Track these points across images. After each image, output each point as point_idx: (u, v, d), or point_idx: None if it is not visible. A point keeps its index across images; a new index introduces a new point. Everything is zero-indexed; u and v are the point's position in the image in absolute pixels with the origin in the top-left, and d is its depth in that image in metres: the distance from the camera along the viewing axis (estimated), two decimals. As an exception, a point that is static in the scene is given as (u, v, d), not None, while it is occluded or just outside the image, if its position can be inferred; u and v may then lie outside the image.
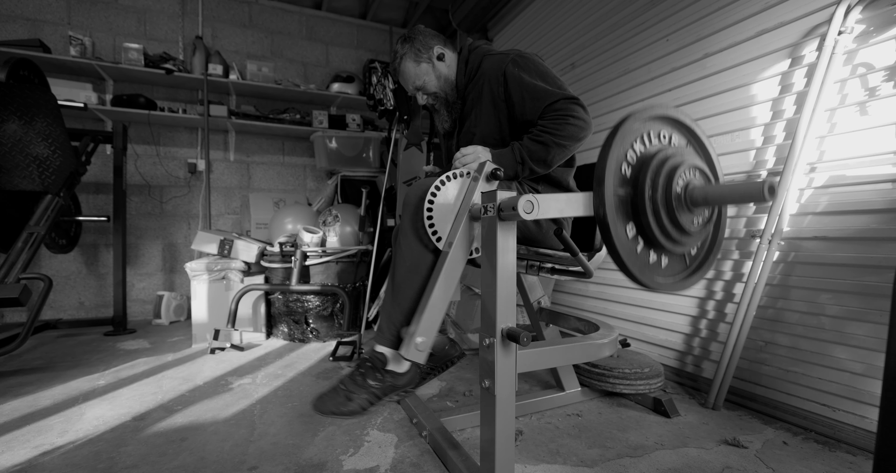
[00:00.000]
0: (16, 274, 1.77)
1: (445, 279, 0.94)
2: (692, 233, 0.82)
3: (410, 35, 1.30)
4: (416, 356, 0.92)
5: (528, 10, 2.88)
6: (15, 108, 1.87)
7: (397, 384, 1.03)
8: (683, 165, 0.80)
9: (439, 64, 1.30)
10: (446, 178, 1.01)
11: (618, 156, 0.78)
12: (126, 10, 2.92)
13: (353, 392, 0.99)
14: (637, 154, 0.82)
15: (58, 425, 1.31)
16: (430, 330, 0.93)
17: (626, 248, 0.79)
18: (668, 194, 0.79)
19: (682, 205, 0.80)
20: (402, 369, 1.04)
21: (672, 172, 0.79)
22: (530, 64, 1.19)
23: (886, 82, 1.21)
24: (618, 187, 0.78)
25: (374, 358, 1.04)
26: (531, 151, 1.12)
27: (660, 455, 1.16)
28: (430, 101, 1.35)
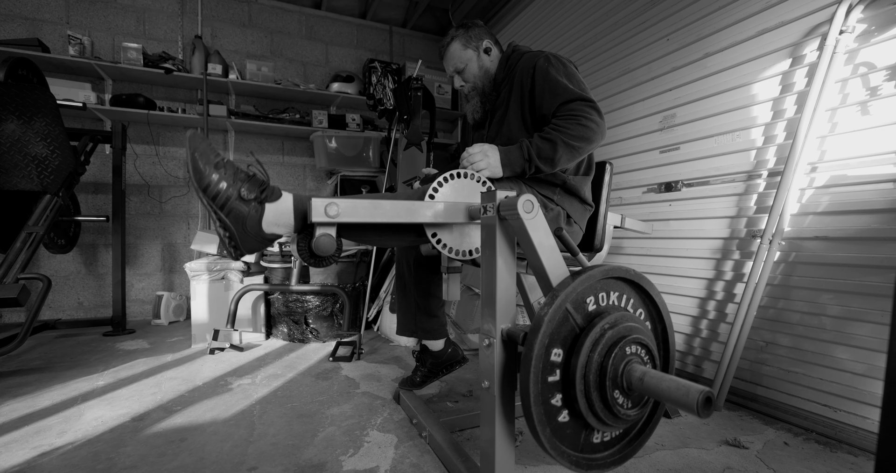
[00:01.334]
0: (14, 274, 1.76)
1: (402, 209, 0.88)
2: (621, 417, 0.75)
3: (468, 24, 1.37)
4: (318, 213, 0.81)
5: (528, 9, 2.88)
6: (13, 107, 1.87)
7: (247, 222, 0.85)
8: (627, 339, 0.74)
9: (484, 56, 1.35)
10: (443, 180, 1.01)
11: (561, 312, 0.73)
12: (125, 10, 2.92)
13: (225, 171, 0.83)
14: (583, 312, 0.76)
15: (56, 425, 1.31)
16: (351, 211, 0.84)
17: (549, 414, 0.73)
18: (603, 369, 0.73)
19: (615, 384, 0.73)
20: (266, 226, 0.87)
21: (614, 344, 0.73)
22: (560, 63, 1.22)
23: (888, 82, 1.20)
24: (554, 348, 0.73)
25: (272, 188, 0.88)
26: (539, 149, 1.11)
27: (660, 456, 1.15)
28: (465, 88, 1.39)
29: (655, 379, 0.69)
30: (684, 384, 0.65)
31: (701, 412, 0.62)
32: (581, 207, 1.29)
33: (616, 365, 0.73)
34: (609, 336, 0.74)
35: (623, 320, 0.77)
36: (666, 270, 1.80)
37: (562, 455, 0.74)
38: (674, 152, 1.79)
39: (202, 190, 0.82)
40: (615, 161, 1.72)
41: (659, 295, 0.86)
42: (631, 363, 0.74)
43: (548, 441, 0.72)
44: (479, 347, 0.88)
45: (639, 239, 1.95)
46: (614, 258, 2.07)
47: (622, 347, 0.74)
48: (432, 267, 1.40)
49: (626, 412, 0.75)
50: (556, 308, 0.72)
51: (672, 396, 0.66)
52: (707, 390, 0.62)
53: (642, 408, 0.78)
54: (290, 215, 0.88)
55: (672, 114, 1.80)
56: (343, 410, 1.43)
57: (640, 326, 0.78)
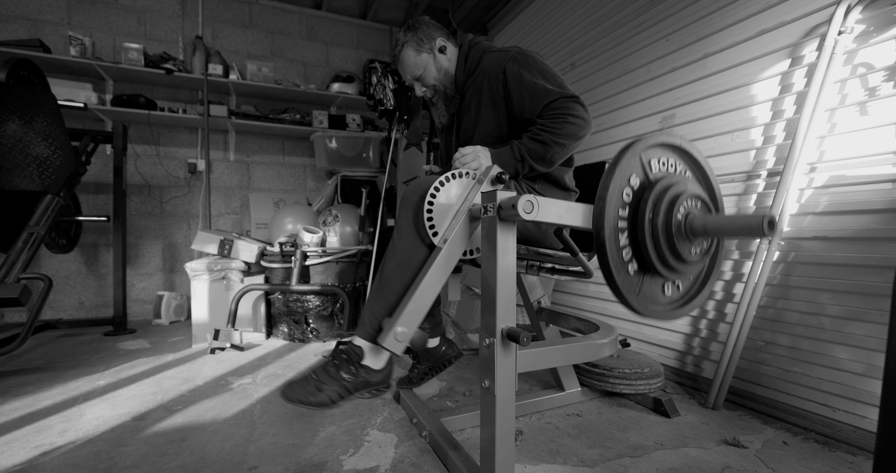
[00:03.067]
0: (16, 274, 1.77)
1: (436, 273, 0.93)
2: (690, 262, 0.82)
3: (414, 24, 1.29)
4: (394, 346, 0.90)
5: (528, 9, 2.88)
6: (15, 108, 1.87)
7: (370, 380, 1.00)
8: (685, 194, 0.80)
9: (440, 56, 1.29)
10: (445, 179, 1.01)
11: (621, 180, 0.78)
12: (126, 10, 2.92)
13: (325, 383, 0.96)
14: (640, 180, 0.82)
15: (58, 425, 1.31)
16: (412, 321, 0.91)
17: (621, 270, 0.78)
18: (669, 222, 0.79)
19: (681, 234, 0.79)
20: (377, 365, 1.02)
21: (674, 200, 0.80)
22: (531, 61, 1.18)
23: (886, 82, 1.21)
24: (619, 210, 0.78)
25: (351, 351, 1.01)
26: (530, 150, 1.12)
27: (660, 455, 1.16)
28: (427, 93, 1.34)
29: (718, 219, 0.77)
30: (744, 216, 0.73)
31: (767, 232, 0.68)
32: (564, 193, 1.30)
33: (679, 221, 0.80)
34: (670, 193, 0.80)
35: (672, 182, 0.82)
36: (665, 270, 1.80)
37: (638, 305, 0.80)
38: (673, 153, 1.79)
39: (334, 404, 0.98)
40: (615, 161, 1.72)
41: (700, 153, 0.92)
42: (692, 214, 0.80)
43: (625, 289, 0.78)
44: (479, 347, 0.88)
45: (638, 239, 1.95)
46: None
47: (680, 202, 0.80)
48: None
49: (692, 258, 0.82)
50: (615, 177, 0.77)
51: (737, 224, 0.74)
52: (767, 214, 0.69)
53: (705, 256, 0.86)
54: (380, 350, 1.02)
55: (672, 114, 1.80)
56: (343, 409, 1.44)
57: (688, 183, 0.85)
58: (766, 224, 0.67)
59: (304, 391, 0.95)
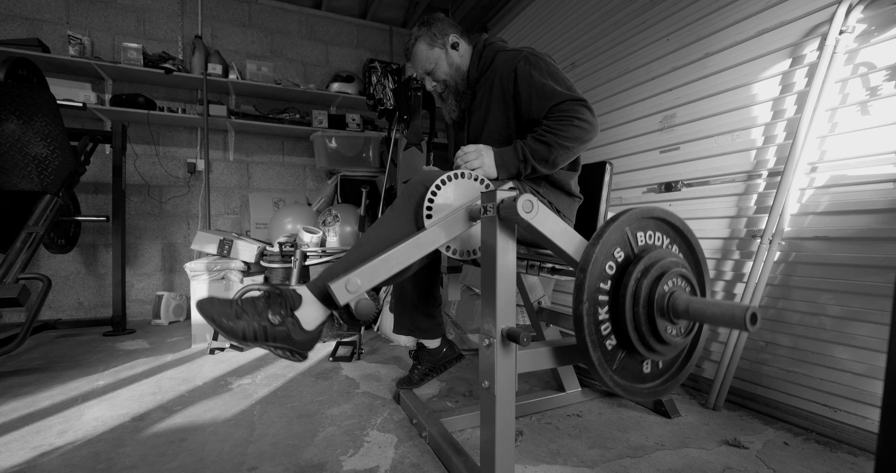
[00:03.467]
0: (14, 274, 1.76)
1: (410, 247, 0.91)
2: (669, 343, 0.80)
3: (429, 20, 1.31)
4: (341, 293, 0.84)
5: (528, 9, 2.88)
6: (13, 107, 1.87)
7: (293, 336, 0.88)
8: (670, 273, 0.78)
9: (453, 52, 1.30)
10: (447, 178, 1.01)
11: (605, 252, 0.77)
12: (125, 10, 2.92)
13: (247, 314, 0.85)
14: (625, 253, 0.80)
15: (56, 425, 1.31)
16: (369, 278, 0.87)
17: (597, 346, 0.77)
18: (651, 300, 0.77)
19: (663, 314, 0.78)
20: (308, 324, 0.91)
21: (658, 278, 0.78)
22: (542, 63, 1.19)
23: (888, 82, 1.20)
24: (600, 283, 0.77)
25: (289, 295, 0.91)
26: (534, 151, 1.11)
27: (660, 456, 1.15)
28: (437, 88, 1.35)
29: (701, 304, 0.74)
30: (729, 306, 0.69)
31: (749, 327, 0.66)
32: (568, 199, 1.29)
33: (661, 299, 0.78)
34: (654, 270, 0.78)
35: (665, 256, 0.82)
36: (666, 270, 1.80)
37: (613, 382, 0.79)
38: (674, 152, 1.79)
39: (243, 341, 0.85)
40: (615, 161, 1.72)
41: (689, 229, 0.90)
42: (675, 294, 0.78)
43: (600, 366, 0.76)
44: (479, 347, 0.88)
45: (639, 239, 1.94)
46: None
47: (665, 280, 0.78)
48: (432, 267, 1.40)
49: (674, 338, 0.80)
50: (598, 250, 0.76)
51: (720, 316, 0.70)
52: (752, 306, 0.66)
53: (686, 337, 0.84)
54: (319, 307, 0.93)
55: (672, 114, 1.80)
56: (343, 410, 1.43)
57: (677, 260, 0.83)
58: (748, 317, 0.65)
59: (222, 311, 0.85)
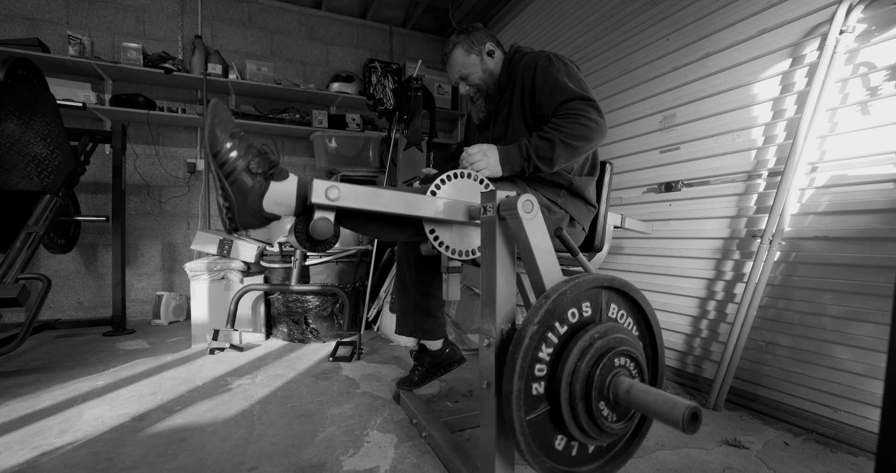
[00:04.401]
0: (14, 274, 1.76)
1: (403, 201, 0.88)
2: (606, 430, 0.73)
3: (468, 28, 1.35)
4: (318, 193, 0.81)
5: (528, 9, 2.88)
6: (13, 107, 1.86)
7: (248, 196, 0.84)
8: (616, 350, 0.73)
9: (488, 59, 1.34)
10: (442, 180, 1.01)
11: (545, 322, 0.72)
12: (125, 10, 2.92)
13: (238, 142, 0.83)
14: (572, 321, 0.74)
15: (56, 425, 1.31)
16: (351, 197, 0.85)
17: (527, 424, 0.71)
18: (590, 380, 0.72)
19: (601, 396, 0.72)
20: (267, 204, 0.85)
21: (602, 355, 0.72)
22: (561, 63, 1.21)
23: (888, 82, 1.20)
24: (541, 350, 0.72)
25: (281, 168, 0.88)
26: (538, 148, 1.11)
27: (660, 456, 1.15)
28: (471, 92, 1.38)
29: (642, 392, 0.68)
30: (671, 399, 0.63)
31: (686, 429, 0.60)
32: (585, 208, 1.29)
33: (603, 376, 0.72)
34: (598, 346, 0.73)
35: (613, 331, 0.75)
36: (666, 270, 1.80)
37: (541, 464, 0.72)
38: (674, 152, 1.79)
39: (213, 155, 0.81)
40: (615, 161, 1.72)
41: (650, 308, 0.85)
42: (618, 375, 0.72)
43: (527, 447, 0.70)
44: (479, 347, 0.88)
45: (639, 239, 1.95)
46: (614, 258, 2.07)
47: (611, 358, 0.72)
48: (432, 267, 1.40)
49: (611, 425, 0.73)
50: (545, 313, 0.72)
51: (658, 410, 0.64)
52: (693, 405, 0.60)
53: (628, 422, 0.76)
54: (293, 197, 0.87)
55: (672, 114, 1.80)
56: (343, 410, 1.43)
57: (629, 338, 0.77)
58: (686, 419, 0.59)
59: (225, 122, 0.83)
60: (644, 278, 1.90)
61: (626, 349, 0.74)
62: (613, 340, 0.74)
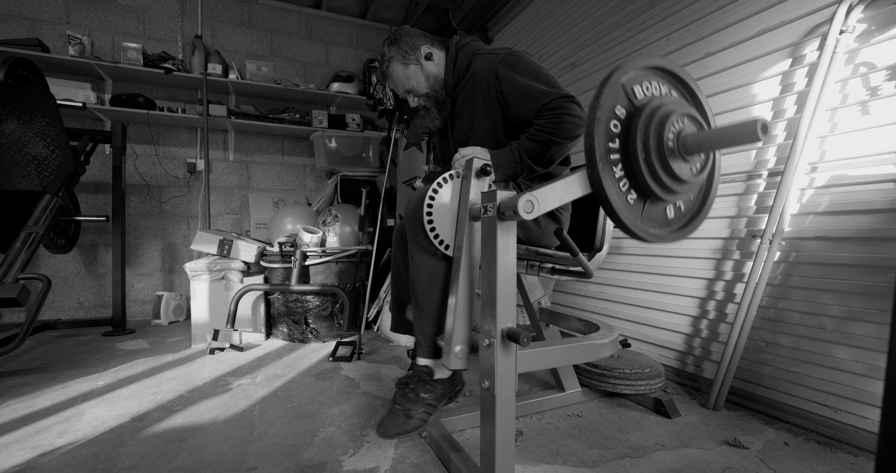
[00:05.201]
0: (14, 274, 1.76)
1: (464, 284, 0.94)
2: (687, 181, 0.81)
3: (396, 37, 1.29)
4: (457, 364, 0.93)
5: (527, 9, 2.88)
6: (13, 107, 1.86)
7: (447, 390, 1.09)
8: (675, 114, 0.78)
9: (427, 64, 1.29)
10: (443, 180, 1.01)
11: (606, 112, 0.77)
12: (125, 10, 2.92)
13: (411, 409, 1.04)
14: (626, 109, 0.80)
15: (56, 426, 1.31)
16: (462, 336, 0.94)
17: (619, 204, 0.78)
18: (661, 144, 0.77)
19: (675, 153, 0.78)
20: (446, 374, 1.09)
21: (663, 120, 0.78)
22: (522, 63, 1.18)
23: (888, 82, 1.20)
24: (609, 143, 0.78)
25: (421, 373, 1.08)
26: (529, 151, 1.12)
27: (660, 456, 1.15)
28: (421, 102, 1.35)
29: (709, 132, 0.76)
30: (737, 125, 0.69)
31: (762, 136, 0.66)
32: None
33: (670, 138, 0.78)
34: (658, 115, 0.78)
35: (669, 102, 0.81)
36: (666, 270, 1.80)
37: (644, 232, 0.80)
38: (674, 152, 1.79)
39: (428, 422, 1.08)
40: (615, 161, 1.72)
41: (687, 74, 0.90)
42: (683, 132, 0.78)
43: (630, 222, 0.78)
44: (479, 347, 0.88)
45: (639, 239, 1.94)
46: (614, 258, 2.07)
47: (670, 123, 0.78)
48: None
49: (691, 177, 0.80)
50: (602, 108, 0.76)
51: (731, 135, 0.71)
52: (760, 119, 0.66)
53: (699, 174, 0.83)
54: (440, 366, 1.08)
55: (672, 114, 1.80)
56: (343, 410, 1.43)
57: (680, 101, 0.83)
58: (759, 128, 0.66)
59: (397, 423, 1.04)
60: (644, 278, 1.90)
61: (685, 111, 0.81)
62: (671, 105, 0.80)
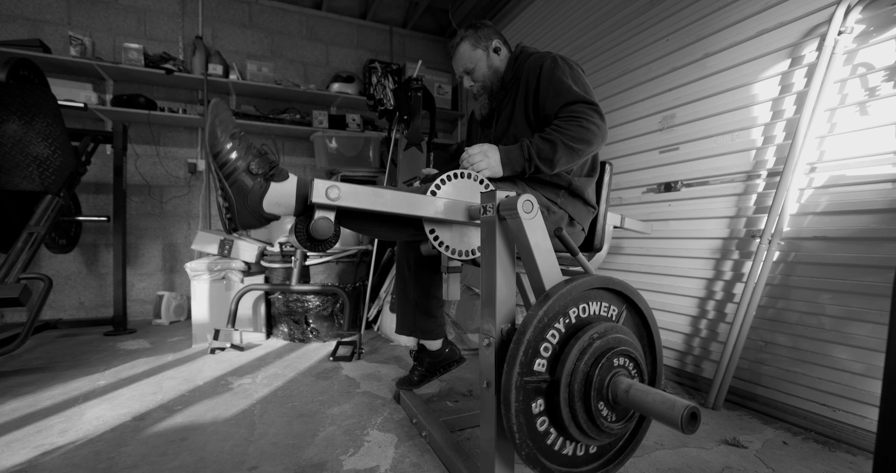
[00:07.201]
0: (16, 274, 1.77)
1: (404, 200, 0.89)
2: (604, 430, 0.74)
3: (477, 24, 1.36)
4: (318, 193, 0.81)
5: (528, 10, 2.88)
6: (15, 108, 1.87)
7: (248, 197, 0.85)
8: (616, 350, 0.73)
9: (494, 55, 1.35)
10: (441, 181, 1.01)
11: (551, 317, 0.73)
12: (126, 10, 2.92)
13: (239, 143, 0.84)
14: (573, 319, 0.75)
15: (58, 425, 1.31)
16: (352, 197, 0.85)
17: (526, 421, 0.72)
18: (590, 378, 0.72)
19: (600, 395, 0.72)
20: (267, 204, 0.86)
21: (602, 354, 0.73)
22: (566, 65, 1.22)
23: (886, 82, 1.21)
24: (542, 351, 0.73)
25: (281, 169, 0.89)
26: (539, 149, 1.11)
27: (660, 455, 1.16)
28: (474, 88, 1.39)
29: (641, 392, 0.68)
30: (670, 399, 0.63)
31: (685, 429, 0.60)
32: (584, 209, 1.29)
33: (602, 376, 0.72)
34: (597, 346, 0.73)
35: (612, 331, 0.76)
36: (665, 270, 1.81)
37: (541, 465, 0.72)
38: (673, 153, 1.80)
39: (213, 155, 0.82)
40: (615, 161, 1.72)
41: (649, 309, 0.86)
42: (618, 375, 0.72)
43: (525, 448, 0.70)
44: (479, 347, 0.88)
45: (638, 239, 1.95)
46: (614, 258, 2.07)
47: (609, 358, 0.73)
48: (433, 267, 1.40)
49: (610, 425, 0.74)
50: (544, 312, 0.72)
51: (657, 410, 0.64)
52: (692, 405, 0.61)
53: (627, 422, 0.76)
54: (293, 197, 0.88)
55: (672, 114, 1.80)
56: (343, 409, 1.44)
57: (628, 338, 0.77)
58: (686, 415, 0.60)
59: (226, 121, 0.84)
60: (643, 278, 1.91)
61: (625, 349, 0.75)
62: (612, 340, 0.75)
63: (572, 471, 0.78)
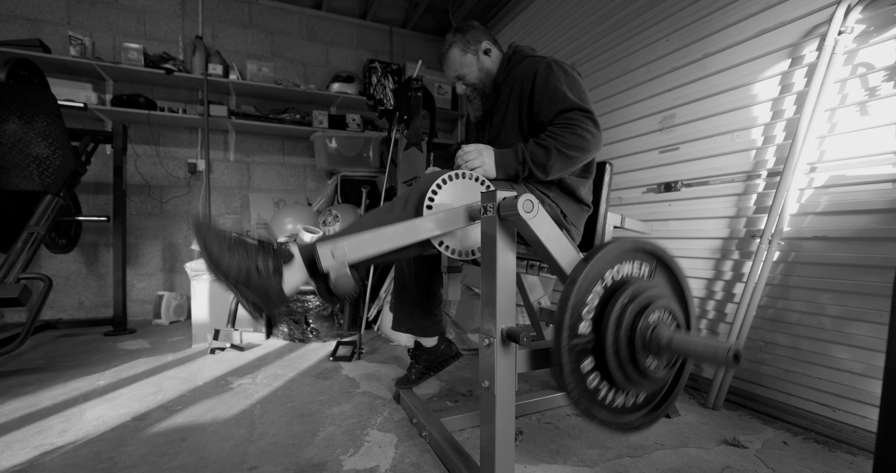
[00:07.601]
0: (16, 274, 1.77)
1: (406, 230, 0.91)
2: (650, 377, 0.78)
3: (464, 27, 1.35)
4: (325, 256, 0.83)
5: (528, 10, 2.88)
6: (15, 108, 1.87)
7: (269, 293, 0.85)
8: (654, 305, 0.77)
9: (484, 58, 1.35)
10: (442, 181, 1.01)
11: (588, 283, 0.76)
12: (126, 10, 2.92)
13: (237, 252, 0.82)
14: (609, 282, 0.79)
15: (58, 425, 1.31)
16: (357, 250, 0.87)
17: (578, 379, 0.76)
18: (634, 329, 0.76)
19: (645, 347, 0.76)
20: (288, 284, 0.88)
21: (641, 310, 0.77)
22: (562, 71, 1.20)
23: (886, 82, 1.21)
24: (584, 315, 0.76)
25: (282, 251, 0.89)
26: (533, 154, 1.12)
27: (660, 455, 1.16)
28: (467, 91, 1.39)
29: (683, 341, 0.73)
30: (711, 344, 0.68)
31: (731, 364, 0.65)
32: (577, 207, 1.29)
33: (644, 329, 0.76)
34: (637, 302, 0.77)
35: (647, 288, 0.80)
36: (666, 270, 1.80)
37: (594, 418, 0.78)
38: (673, 153, 1.80)
39: (224, 276, 0.81)
40: (615, 161, 1.72)
41: (676, 263, 0.89)
42: (658, 327, 0.77)
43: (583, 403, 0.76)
44: (479, 347, 0.88)
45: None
46: (614, 258, 2.07)
47: (648, 312, 0.77)
48: (433, 266, 1.40)
49: (656, 372, 0.78)
50: (584, 278, 0.75)
51: (702, 353, 0.69)
52: (733, 346, 0.65)
53: (671, 369, 0.82)
54: (303, 269, 0.90)
55: (671, 114, 1.80)
56: (343, 409, 1.44)
57: (662, 292, 0.81)
58: (730, 356, 0.65)
59: (217, 239, 0.82)
60: (644, 278, 1.91)
61: (662, 303, 0.79)
62: (649, 296, 0.79)
63: (625, 419, 0.83)
